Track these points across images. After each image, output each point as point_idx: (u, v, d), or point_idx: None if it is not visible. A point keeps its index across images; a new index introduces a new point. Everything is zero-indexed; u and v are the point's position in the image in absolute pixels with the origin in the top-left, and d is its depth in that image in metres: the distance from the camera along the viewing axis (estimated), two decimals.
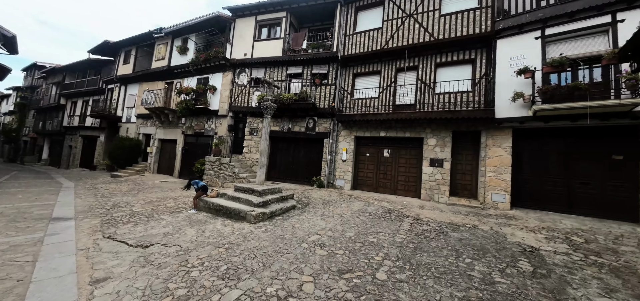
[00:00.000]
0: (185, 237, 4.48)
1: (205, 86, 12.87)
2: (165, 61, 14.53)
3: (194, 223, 5.31)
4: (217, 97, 12.65)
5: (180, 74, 14.12)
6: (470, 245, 4.40)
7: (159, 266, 3.38)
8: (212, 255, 3.74)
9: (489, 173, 7.73)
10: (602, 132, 6.59)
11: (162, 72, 14.69)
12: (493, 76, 7.61)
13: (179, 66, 13.91)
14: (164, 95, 14.31)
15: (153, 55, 15.36)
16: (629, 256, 4.11)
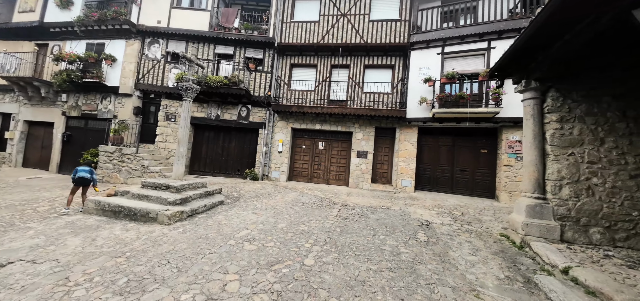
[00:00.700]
0: (66, 249, 3.33)
1: (100, 55, 9.85)
2: (37, 14, 10.48)
3: (79, 231, 4.02)
4: (118, 70, 9.93)
5: (61, 34, 10.40)
6: (384, 224, 4.89)
7: (21, 290, 2.38)
8: (107, 267, 2.89)
9: (400, 163, 8.88)
10: (476, 131, 8.46)
11: (31, 29, 10.54)
12: (407, 82, 8.69)
13: (59, 24, 10.20)
14: (34, 61, 10.28)
15: (16, 3, 10.93)
16: (488, 223, 5.39)
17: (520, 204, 4.25)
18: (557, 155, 4.03)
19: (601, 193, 3.78)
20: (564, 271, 2.94)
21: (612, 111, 3.83)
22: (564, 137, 4.03)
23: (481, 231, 4.80)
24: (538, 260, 3.47)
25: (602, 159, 3.82)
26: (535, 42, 3.61)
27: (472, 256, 3.63)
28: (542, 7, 3.10)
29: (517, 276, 3.07)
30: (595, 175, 3.82)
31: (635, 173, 3.66)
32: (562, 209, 3.93)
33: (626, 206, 3.66)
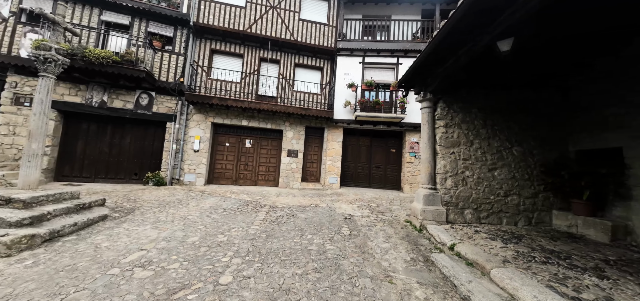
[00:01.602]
0: None
1: None
2: None
3: None
4: None
5: None
6: (312, 223, 4.78)
7: None
8: None
9: (328, 162, 9.17)
10: (387, 134, 9.65)
11: None
12: (334, 85, 9.05)
13: None
14: None
15: None
16: (396, 212, 6.12)
17: (419, 194, 4.96)
18: (443, 153, 4.90)
19: (471, 183, 4.82)
20: (450, 247, 3.52)
21: (478, 120, 4.95)
22: (448, 139, 4.94)
23: (392, 220, 5.36)
24: (432, 240, 4.07)
25: (471, 157, 4.89)
26: (429, 62, 4.25)
27: (386, 243, 3.93)
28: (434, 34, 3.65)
29: (419, 256, 3.48)
30: (468, 169, 4.85)
31: (491, 167, 4.86)
32: (447, 196, 4.80)
33: (486, 192, 4.80)
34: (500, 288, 2.39)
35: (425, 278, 2.87)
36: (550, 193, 4.80)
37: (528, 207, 4.82)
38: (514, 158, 4.92)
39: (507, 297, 2.22)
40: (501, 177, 4.87)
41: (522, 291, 2.16)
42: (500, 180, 4.86)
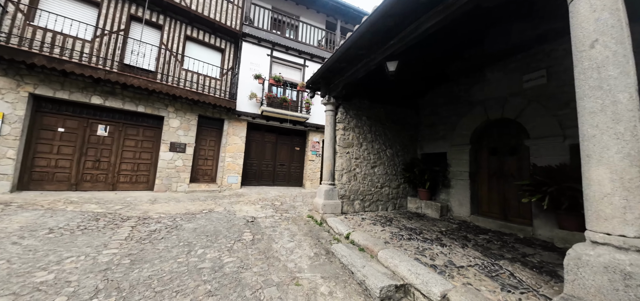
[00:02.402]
0: None
1: None
2: None
3: None
4: None
5: None
6: (204, 233, 3.99)
7: None
8: None
9: (228, 158, 8.17)
10: (293, 132, 9.82)
11: None
12: (237, 72, 8.17)
13: None
14: None
15: None
16: (300, 208, 6.26)
17: (320, 189, 5.28)
18: (341, 153, 5.47)
19: (360, 178, 5.65)
20: (346, 237, 3.91)
21: (366, 126, 5.87)
22: (345, 140, 5.55)
23: (295, 217, 5.41)
24: (331, 232, 4.42)
25: (360, 156, 5.73)
26: (334, 69, 4.62)
27: (291, 242, 3.87)
28: (340, 44, 3.99)
29: (321, 250, 3.64)
30: (358, 167, 5.65)
31: (373, 165, 5.88)
32: (342, 190, 5.39)
33: (369, 185, 5.76)
34: (386, 267, 2.84)
35: (328, 271, 3.00)
36: (407, 185, 6.43)
37: (394, 196, 6.23)
38: (387, 159, 6.21)
39: (391, 274, 2.66)
40: (379, 173, 6.01)
41: (401, 267, 2.64)
42: (378, 175, 5.99)
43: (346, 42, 3.70)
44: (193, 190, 7.31)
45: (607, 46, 1.39)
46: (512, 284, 2.38)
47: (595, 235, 1.41)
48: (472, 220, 5.17)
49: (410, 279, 2.46)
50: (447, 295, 2.13)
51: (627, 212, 1.28)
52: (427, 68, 5.34)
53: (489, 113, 5.08)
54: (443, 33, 3.24)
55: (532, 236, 4.09)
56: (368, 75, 4.35)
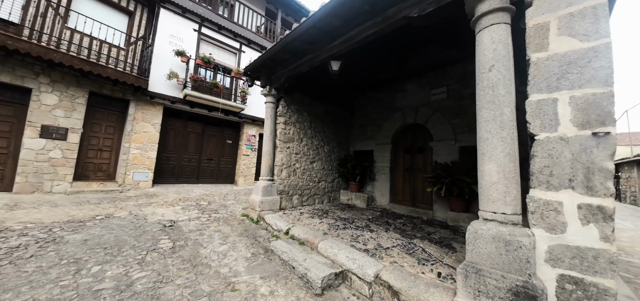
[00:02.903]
0: None
1: None
2: None
3: None
4: None
5: None
6: (100, 245, 3.03)
7: None
8: None
9: (134, 150, 6.55)
10: (224, 123, 8.83)
11: None
12: (152, 44, 6.62)
13: None
14: None
15: None
16: (232, 207, 5.69)
17: (258, 186, 4.96)
18: (281, 147, 5.30)
19: (299, 173, 5.63)
20: (286, 232, 3.80)
21: (307, 122, 5.90)
22: (286, 135, 5.41)
23: (227, 217, 4.89)
24: (270, 229, 4.21)
25: (300, 151, 5.72)
26: (277, 59, 4.41)
27: (223, 245, 3.45)
28: (286, 34, 3.83)
29: (260, 249, 3.41)
30: (298, 162, 5.62)
31: (312, 161, 5.98)
32: (281, 186, 5.24)
33: (308, 180, 5.83)
34: (325, 257, 2.91)
35: (267, 270, 2.82)
36: (340, 179, 6.89)
37: (329, 189, 6.57)
38: (325, 154, 6.47)
39: (331, 263, 2.75)
40: (317, 168, 6.19)
41: (340, 255, 2.76)
42: (316, 170, 6.16)
43: (292, 33, 3.56)
44: (79, 191, 5.46)
45: (499, 71, 1.84)
46: (425, 258, 2.89)
47: (485, 214, 1.85)
48: (391, 208, 6.03)
49: (348, 265, 2.61)
50: (379, 274, 2.37)
51: (507, 195, 1.74)
52: (362, 73, 5.83)
53: (406, 119, 6.03)
54: (380, 43, 3.58)
55: (432, 218, 5.13)
56: (311, 71, 4.35)
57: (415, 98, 5.89)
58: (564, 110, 1.63)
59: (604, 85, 1.51)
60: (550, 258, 1.60)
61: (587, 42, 1.59)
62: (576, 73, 1.60)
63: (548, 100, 1.69)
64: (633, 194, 13.91)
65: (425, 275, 2.41)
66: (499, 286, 1.63)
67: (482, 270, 1.73)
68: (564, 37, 1.67)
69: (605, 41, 1.53)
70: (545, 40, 1.75)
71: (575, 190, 1.54)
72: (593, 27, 1.58)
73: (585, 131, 1.54)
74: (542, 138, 1.69)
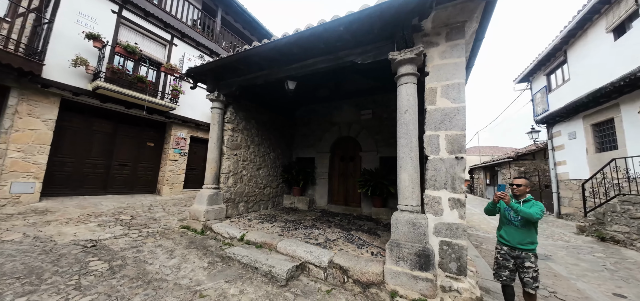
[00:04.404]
0: None
1: None
2: None
3: None
4: None
5: None
6: (8, 274, 2.37)
7: None
8: None
9: (13, 154, 4.86)
10: (146, 122, 7.59)
11: None
12: (52, 20, 5.13)
13: None
14: None
15: None
16: (164, 220, 5.12)
17: (202, 194, 4.77)
18: (228, 154, 5.27)
19: (246, 180, 5.70)
20: (240, 238, 3.94)
21: (254, 129, 6.03)
22: (233, 142, 5.40)
23: (164, 231, 4.47)
24: (219, 238, 4.18)
25: (248, 158, 5.80)
26: (228, 68, 4.51)
27: (172, 260, 3.29)
28: (244, 48, 4.03)
29: (215, 258, 3.44)
30: (245, 169, 5.68)
31: (259, 167, 6.14)
32: (227, 194, 5.19)
33: (254, 186, 5.95)
34: (285, 254, 3.32)
35: (230, 274, 2.99)
36: (284, 184, 7.30)
37: (274, 194, 6.87)
38: (271, 161, 6.74)
39: (291, 258, 3.19)
40: (263, 175, 6.39)
41: (298, 251, 3.25)
42: (262, 176, 6.36)
43: (255, 49, 3.81)
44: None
45: (410, 114, 2.84)
46: (361, 243, 3.76)
47: (402, 206, 2.79)
48: (328, 208, 6.93)
49: (306, 257, 3.14)
50: (332, 259, 3.01)
51: (413, 193, 2.72)
52: (305, 89, 6.50)
53: (342, 132, 7.12)
54: (328, 72, 4.31)
55: (361, 214, 6.30)
56: (265, 84, 4.65)
57: (348, 116, 7.05)
58: (442, 142, 2.74)
59: (461, 129, 2.68)
60: (436, 231, 2.65)
61: (454, 103, 2.76)
62: (448, 121, 2.74)
63: (434, 135, 2.79)
64: (481, 189, 20.49)
65: (363, 255, 3.23)
66: (410, 252, 2.55)
67: (400, 243, 2.63)
68: (444, 98, 2.82)
69: (463, 104, 2.72)
70: (434, 98, 2.87)
71: (447, 190, 2.64)
72: (458, 95, 2.76)
73: (452, 155, 2.68)
74: (431, 158, 2.77)
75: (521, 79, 10.65)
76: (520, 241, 2.24)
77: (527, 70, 9.99)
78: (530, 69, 9.88)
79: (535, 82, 10.26)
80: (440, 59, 2.88)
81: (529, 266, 2.18)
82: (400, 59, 2.91)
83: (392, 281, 2.56)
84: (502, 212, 2.46)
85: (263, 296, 2.50)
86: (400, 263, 2.57)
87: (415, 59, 2.86)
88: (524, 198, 2.36)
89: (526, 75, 10.29)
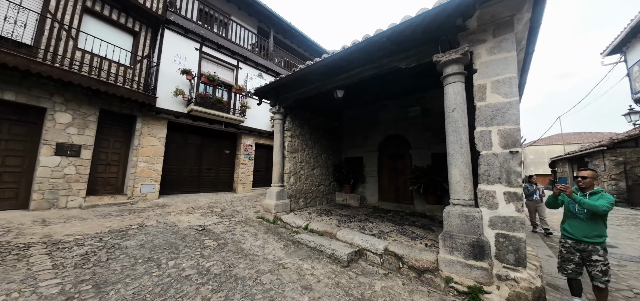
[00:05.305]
0: None
1: None
2: None
3: None
4: None
5: None
6: (158, 247, 3.59)
7: None
8: None
9: (141, 164, 6.82)
10: (221, 134, 9.29)
11: None
12: (158, 63, 6.98)
13: None
14: None
15: None
16: (244, 212, 6.30)
17: (272, 191, 5.72)
18: (289, 157, 6.12)
19: (303, 179, 6.49)
20: (305, 228, 4.65)
21: (308, 134, 6.79)
22: (292, 146, 6.24)
23: (245, 220, 5.56)
24: (288, 227, 5.01)
25: (304, 160, 6.58)
26: (287, 86, 5.27)
27: (257, 241, 4.19)
28: (290, 72, 4.71)
29: (288, 242, 4.22)
30: (302, 169, 6.48)
31: (313, 167, 6.88)
32: (290, 191, 6.05)
33: (310, 184, 6.71)
34: (344, 242, 3.85)
35: (301, 254, 3.67)
36: (335, 182, 7.88)
37: (327, 192, 7.51)
38: (323, 162, 7.41)
39: (349, 245, 3.69)
40: (317, 174, 7.10)
41: (356, 239, 3.73)
42: (317, 175, 7.07)
43: (309, 67, 4.46)
44: (93, 205, 5.66)
45: (458, 112, 2.97)
46: (415, 236, 3.98)
47: (453, 200, 2.95)
48: (379, 205, 7.17)
49: (363, 245, 3.59)
50: (387, 247, 3.38)
51: (465, 188, 2.86)
52: (352, 95, 6.89)
53: (389, 130, 7.25)
54: (373, 78, 4.63)
55: (414, 211, 6.35)
56: (317, 94, 5.27)
57: (395, 114, 7.13)
58: (495, 137, 2.80)
59: (515, 124, 2.69)
60: (491, 224, 2.74)
61: (506, 98, 2.78)
62: (500, 116, 2.78)
63: (486, 131, 2.86)
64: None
65: (417, 245, 3.48)
66: (463, 242, 2.72)
67: (453, 235, 2.82)
68: (494, 93, 2.86)
69: (516, 99, 2.72)
70: (484, 94, 2.93)
71: (502, 184, 2.70)
72: (510, 89, 2.77)
73: (506, 150, 2.72)
74: (483, 154, 2.85)
75: (611, 51, 8.59)
76: (585, 234, 2.18)
77: (619, 38, 8.01)
78: (624, 37, 7.90)
79: (630, 53, 8.14)
80: (488, 55, 2.91)
81: (596, 260, 2.11)
82: (446, 60, 3.06)
83: (446, 268, 2.78)
84: (566, 205, 2.40)
85: (331, 272, 3.08)
86: (454, 253, 2.77)
87: (461, 58, 2.97)
88: (591, 191, 2.26)
89: (618, 45, 8.25)
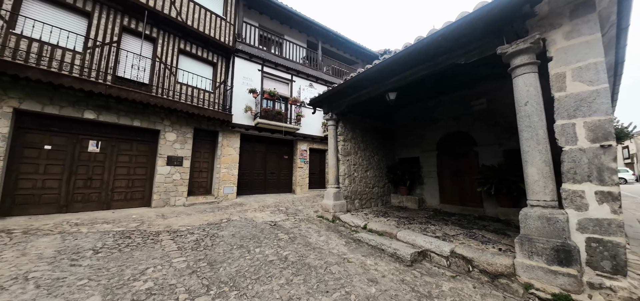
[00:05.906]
0: None
1: None
2: None
3: None
4: None
5: None
6: (245, 237, 4.45)
7: None
8: None
9: (223, 170, 8.30)
10: (281, 142, 10.40)
11: None
12: (232, 87, 8.42)
13: None
14: None
15: None
16: (305, 211, 6.95)
17: (329, 192, 6.17)
18: (343, 160, 6.49)
19: (357, 180, 6.75)
20: (363, 227, 4.91)
21: (360, 137, 7.03)
22: (345, 149, 6.59)
23: (308, 218, 6.16)
24: (346, 226, 5.35)
25: (357, 162, 6.85)
26: (338, 93, 5.64)
27: (321, 237, 4.67)
28: (341, 81, 5.02)
29: (348, 239, 4.55)
30: (356, 171, 6.75)
31: (366, 169, 7.07)
32: (345, 192, 6.39)
33: (364, 186, 6.91)
34: (405, 242, 3.94)
35: (363, 251, 3.94)
36: (390, 184, 7.83)
37: (381, 193, 7.55)
38: (376, 163, 7.50)
39: (411, 246, 3.77)
40: (371, 176, 7.24)
41: (418, 240, 3.78)
42: (370, 177, 7.22)
43: (359, 75, 4.75)
44: (193, 203, 7.26)
45: (532, 105, 2.76)
46: (486, 240, 3.76)
47: (531, 201, 2.74)
48: (441, 208, 6.80)
49: (426, 246, 3.61)
50: (453, 250, 3.33)
51: (545, 188, 2.63)
52: (405, 95, 6.80)
53: (449, 127, 6.82)
54: (429, 76, 4.57)
55: (484, 214, 5.81)
56: (368, 99, 5.49)
57: (455, 110, 6.67)
58: (580, 130, 2.50)
59: (605, 114, 2.37)
60: (580, 227, 2.46)
61: (592, 86, 2.47)
62: (586, 106, 2.48)
63: (568, 124, 2.58)
64: None
65: (489, 249, 3.32)
66: (544, 247, 2.52)
67: (532, 238, 2.63)
68: (577, 82, 2.56)
69: (604, 86, 2.40)
70: (563, 84, 2.65)
71: (592, 182, 2.40)
72: (596, 76, 2.45)
73: (595, 144, 2.41)
74: (567, 149, 2.58)
75: None
76: None
77: None
78: None
79: None
80: (565, 40, 2.63)
81: None
82: (513, 51, 2.89)
83: (525, 274, 2.63)
84: None
85: (394, 269, 3.26)
86: (533, 258, 2.59)
87: (531, 47, 2.76)
88: None
89: None
